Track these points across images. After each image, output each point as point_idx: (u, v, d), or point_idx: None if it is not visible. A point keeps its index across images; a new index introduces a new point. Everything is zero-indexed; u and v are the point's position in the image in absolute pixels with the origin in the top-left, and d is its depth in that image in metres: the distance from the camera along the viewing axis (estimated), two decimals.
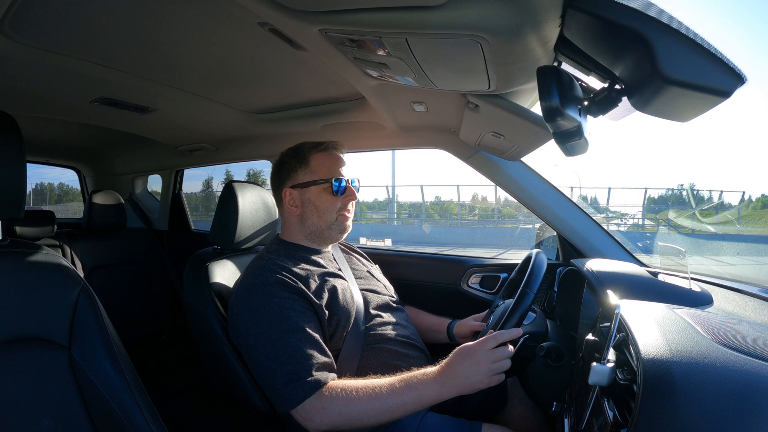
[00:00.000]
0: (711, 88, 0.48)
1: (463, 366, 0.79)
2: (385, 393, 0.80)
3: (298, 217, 1.07)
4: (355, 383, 0.82)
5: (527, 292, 0.87)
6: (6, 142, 0.69)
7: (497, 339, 0.79)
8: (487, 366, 0.78)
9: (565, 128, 0.63)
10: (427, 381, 0.80)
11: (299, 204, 1.06)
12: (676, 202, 14.16)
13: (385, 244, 12.50)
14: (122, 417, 0.70)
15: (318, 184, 1.05)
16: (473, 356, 0.79)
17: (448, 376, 0.79)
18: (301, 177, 1.06)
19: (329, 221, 1.06)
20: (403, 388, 0.80)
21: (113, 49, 0.96)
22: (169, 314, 2.13)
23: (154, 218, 2.45)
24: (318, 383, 0.81)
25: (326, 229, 1.06)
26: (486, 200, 16.17)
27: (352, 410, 0.79)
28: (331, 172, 1.05)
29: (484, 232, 14.21)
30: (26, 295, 0.69)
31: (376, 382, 0.82)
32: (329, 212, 1.05)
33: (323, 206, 1.05)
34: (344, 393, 0.80)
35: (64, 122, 1.63)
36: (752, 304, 0.82)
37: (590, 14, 0.51)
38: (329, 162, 1.07)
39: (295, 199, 1.06)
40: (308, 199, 1.05)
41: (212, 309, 1.03)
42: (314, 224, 1.06)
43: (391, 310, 1.10)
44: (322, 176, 1.05)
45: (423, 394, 0.79)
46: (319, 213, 1.05)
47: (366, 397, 0.79)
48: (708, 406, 0.42)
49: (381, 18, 0.62)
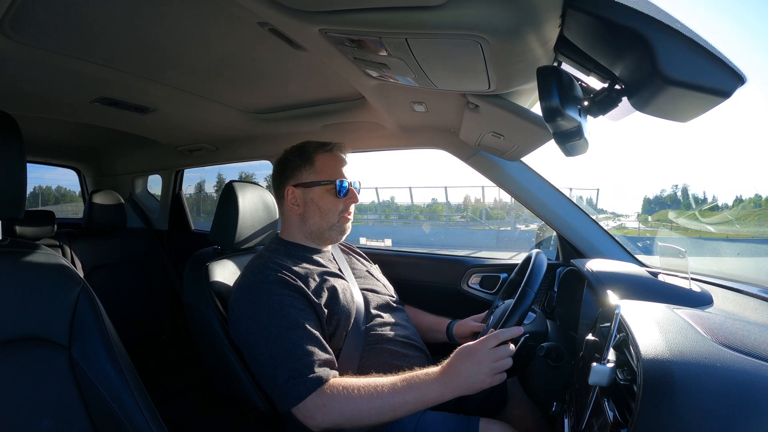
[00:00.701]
0: (711, 88, 0.48)
1: (465, 366, 0.79)
2: (387, 392, 0.79)
3: (300, 216, 1.07)
4: (357, 381, 0.82)
5: (527, 291, 0.87)
6: (6, 142, 0.69)
7: (498, 338, 0.79)
8: (489, 365, 0.78)
9: (565, 128, 0.63)
10: (429, 381, 0.80)
11: (301, 203, 1.06)
12: (672, 202, 14.18)
13: (384, 244, 12.50)
14: (122, 417, 0.70)
15: (322, 185, 1.05)
16: (475, 356, 0.79)
17: (450, 376, 0.79)
18: (305, 176, 1.06)
19: (331, 222, 1.06)
20: (405, 388, 0.80)
21: (113, 49, 0.96)
22: (169, 314, 2.13)
23: (154, 218, 2.45)
24: (320, 380, 0.80)
25: (327, 230, 1.06)
26: (479, 202, 16.20)
27: (353, 408, 0.79)
28: (335, 173, 1.06)
29: (458, 233, 14.36)
30: (26, 295, 0.69)
31: (378, 380, 0.82)
32: (331, 213, 1.05)
33: (326, 207, 1.05)
34: (346, 391, 0.80)
35: (64, 122, 1.63)
36: (752, 304, 0.82)
37: (590, 14, 0.51)
38: (333, 163, 1.07)
39: (297, 198, 1.06)
40: (311, 199, 1.05)
41: (212, 309, 1.03)
42: (315, 224, 1.06)
43: (391, 310, 1.10)
44: (326, 177, 1.05)
45: (425, 394, 0.79)
46: (321, 214, 1.05)
47: (368, 395, 0.79)
48: (708, 406, 0.42)
49: (381, 18, 0.62)
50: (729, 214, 2.31)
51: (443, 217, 15.86)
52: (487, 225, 14.36)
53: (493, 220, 14.96)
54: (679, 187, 13.42)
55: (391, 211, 16.64)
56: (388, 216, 16.24)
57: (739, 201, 7.12)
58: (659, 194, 16.26)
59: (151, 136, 1.85)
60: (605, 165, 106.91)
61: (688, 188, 13.40)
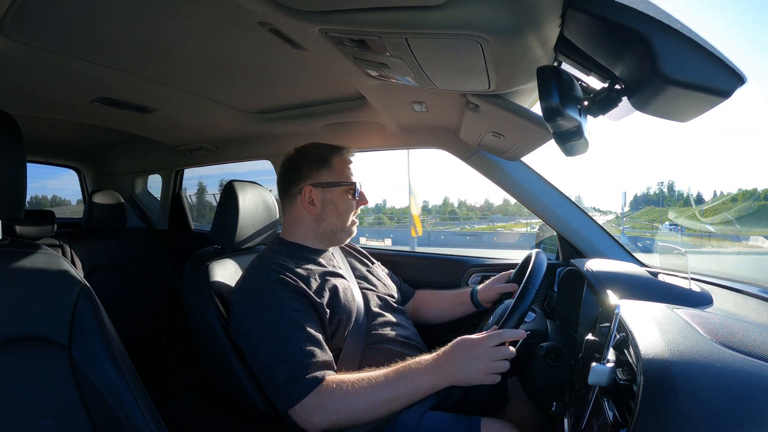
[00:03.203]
0: (711, 88, 0.48)
1: (462, 357, 0.79)
2: (380, 385, 0.80)
3: (315, 216, 1.07)
4: (350, 377, 0.82)
5: (528, 290, 0.87)
6: (6, 142, 0.69)
7: (502, 336, 0.79)
8: (487, 363, 0.78)
9: (565, 128, 0.63)
10: (422, 370, 0.80)
11: (318, 203, 1.06)
12: (658, 199, 14.28)
13: (384, 244, 12.50)
14: (122, 417, 0.70)
15: (342, 186, 1.06)
16: (474, 350, 0.78)
17: (444, 366, 0.79)
18: (324, 177, 1.06)
19: (346, 224, 1.08)
20: (398, 379, 0.80)
21: (113, 49, 0.96)
22: (169, 314, 2.13)
23: (154, 218, 2.45)
24: (316, 380, 0.81)
25: (340, 231, 1.08)
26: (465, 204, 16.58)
27: (348, 405, 0.79)
28: (351, 175, 1.08)
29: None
30: (26, 294, 0.69)
31: (372, 374, 0.82)
32: (347, 214, 1.08)
33: (343, 208, 1.07)
34: (340, 388, 0.80)
35: (64, 122, 1.63)
36: (752, 304, 0.82)
37: (590, 14, 0.51)
38: (348, 166, 1.10)
39: (314, 198, 1.06)
40: (330, 199, 1.06)
41: (212, 309, 1.03)
42: (331, 224, 1.07)
43: (392, 309, 1.10)
44: (345, 179, 1.07)
45: (418, 383, 0.79)
46: (338, 214, 1.07)
47: (362, 390, 0.79)
48: (708, 406, 0.42)
49: (381, 18, 0.62)
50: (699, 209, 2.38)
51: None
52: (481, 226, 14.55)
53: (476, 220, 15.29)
54: (665, 184, 13.46)
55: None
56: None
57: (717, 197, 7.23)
58: (646, 192, 16.47)
59: (151, 136, 1.85)
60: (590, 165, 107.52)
61: (674, 184, 13.46)
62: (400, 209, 17.55)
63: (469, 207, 16.47)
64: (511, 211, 15.82)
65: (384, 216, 17.62)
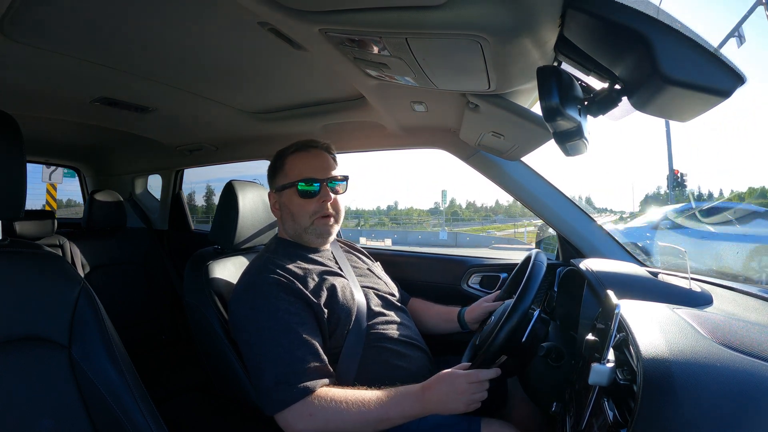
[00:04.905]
0: (711, 88, 0.48)
1: (445, 391, 0.83)
2: (372, 407, 0.81)
3: (280, 220, 1.09)
4: (345, 393, 0.83)
5: (528, 290, 0.87)
6: (6, 142, 0.69)
7: (479, 377, 0.83)
8: (468, 396, 0.82)
9: (565, 128, 0.63)
10: (412, 399, 0.83)
11: (278, 208, 1.07)
12: (668, 198, 14.28)
13: (385, 244, 12.49)
14: (122, 417, 0.70)
15: (288, 188, 1.03)
16: (456, 385, 0.82)
17: (430, 398, 0.83)
18: (279, 180, 1.06)
19: (304, 225, 1.03)
20: (390, 404, 0.82)
21: (113, 49, 0.96)
22: (169, 314, 2.13)
23: (154, 218, 2.45)
24: (307, 389, 0.81)
25: (303, 233, 1.05)
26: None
27: (338, 420, 0.80)
28: (301, 173, 1.02)
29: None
30: (26, 294, 0.69)
31: (365, 394, 0.83)
32: (302, 216, 1.03)
33: (296, 210, 1.03)
34: (334, 403, 0.81)
35: (64, 122, 1.63)
36: (752, 304, 0.82)
37: (590, 14, 0.51)
38: (301, 163, 1.04)
39: (276, 203, 1.07)
40: (284, 203, 1.05)
41: (212, 309, 1.03)
42: (292, 227, 1.06)
43: (393, 308, 1.10)
44: (291, 179, 1.03)
45: (407, 410, 0.83)
46: (293, 217, 1.04)
47: (355, 409, 0.80)
48: (708, 406, 0.42)
49: (381, 18, 0.62)
50: None
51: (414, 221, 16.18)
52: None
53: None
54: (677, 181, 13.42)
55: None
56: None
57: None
58: (656, 191, 16.44)
59: (151, 136, 1.85)
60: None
61: (685, 181, 13.39)
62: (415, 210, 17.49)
63: (476, 208, 16.37)
64: (516, 213, 15.83)
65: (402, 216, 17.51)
